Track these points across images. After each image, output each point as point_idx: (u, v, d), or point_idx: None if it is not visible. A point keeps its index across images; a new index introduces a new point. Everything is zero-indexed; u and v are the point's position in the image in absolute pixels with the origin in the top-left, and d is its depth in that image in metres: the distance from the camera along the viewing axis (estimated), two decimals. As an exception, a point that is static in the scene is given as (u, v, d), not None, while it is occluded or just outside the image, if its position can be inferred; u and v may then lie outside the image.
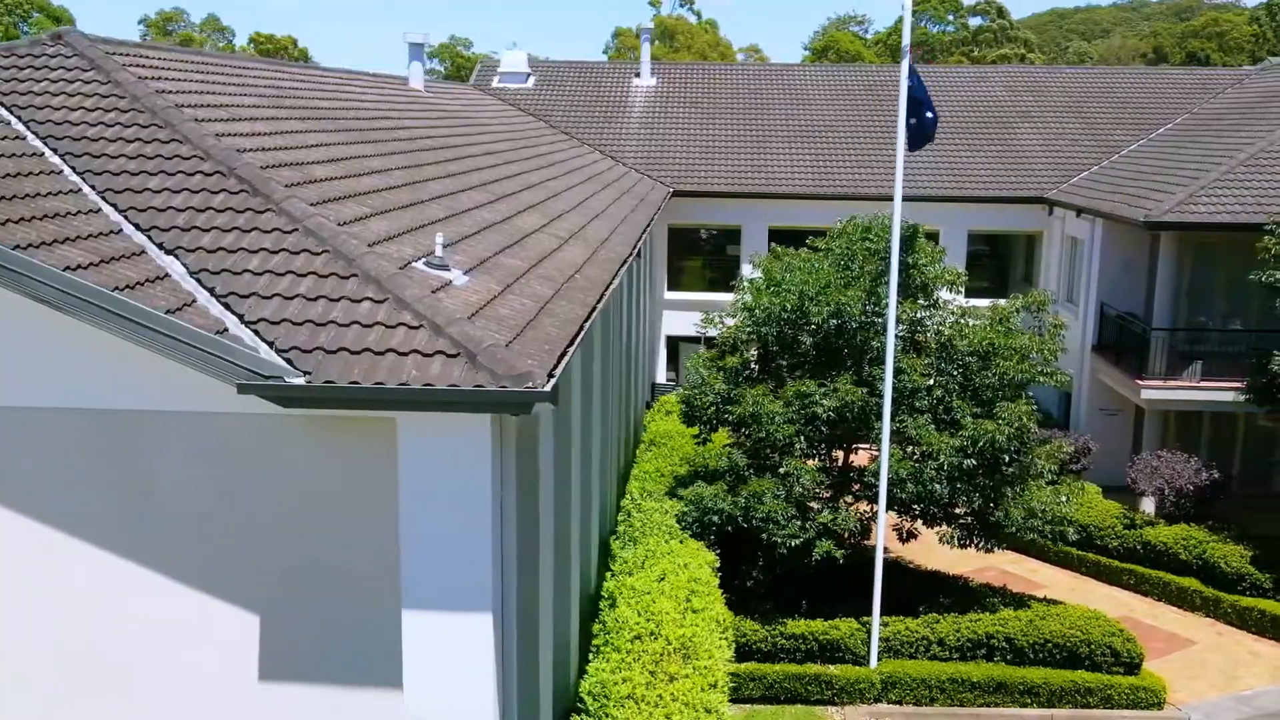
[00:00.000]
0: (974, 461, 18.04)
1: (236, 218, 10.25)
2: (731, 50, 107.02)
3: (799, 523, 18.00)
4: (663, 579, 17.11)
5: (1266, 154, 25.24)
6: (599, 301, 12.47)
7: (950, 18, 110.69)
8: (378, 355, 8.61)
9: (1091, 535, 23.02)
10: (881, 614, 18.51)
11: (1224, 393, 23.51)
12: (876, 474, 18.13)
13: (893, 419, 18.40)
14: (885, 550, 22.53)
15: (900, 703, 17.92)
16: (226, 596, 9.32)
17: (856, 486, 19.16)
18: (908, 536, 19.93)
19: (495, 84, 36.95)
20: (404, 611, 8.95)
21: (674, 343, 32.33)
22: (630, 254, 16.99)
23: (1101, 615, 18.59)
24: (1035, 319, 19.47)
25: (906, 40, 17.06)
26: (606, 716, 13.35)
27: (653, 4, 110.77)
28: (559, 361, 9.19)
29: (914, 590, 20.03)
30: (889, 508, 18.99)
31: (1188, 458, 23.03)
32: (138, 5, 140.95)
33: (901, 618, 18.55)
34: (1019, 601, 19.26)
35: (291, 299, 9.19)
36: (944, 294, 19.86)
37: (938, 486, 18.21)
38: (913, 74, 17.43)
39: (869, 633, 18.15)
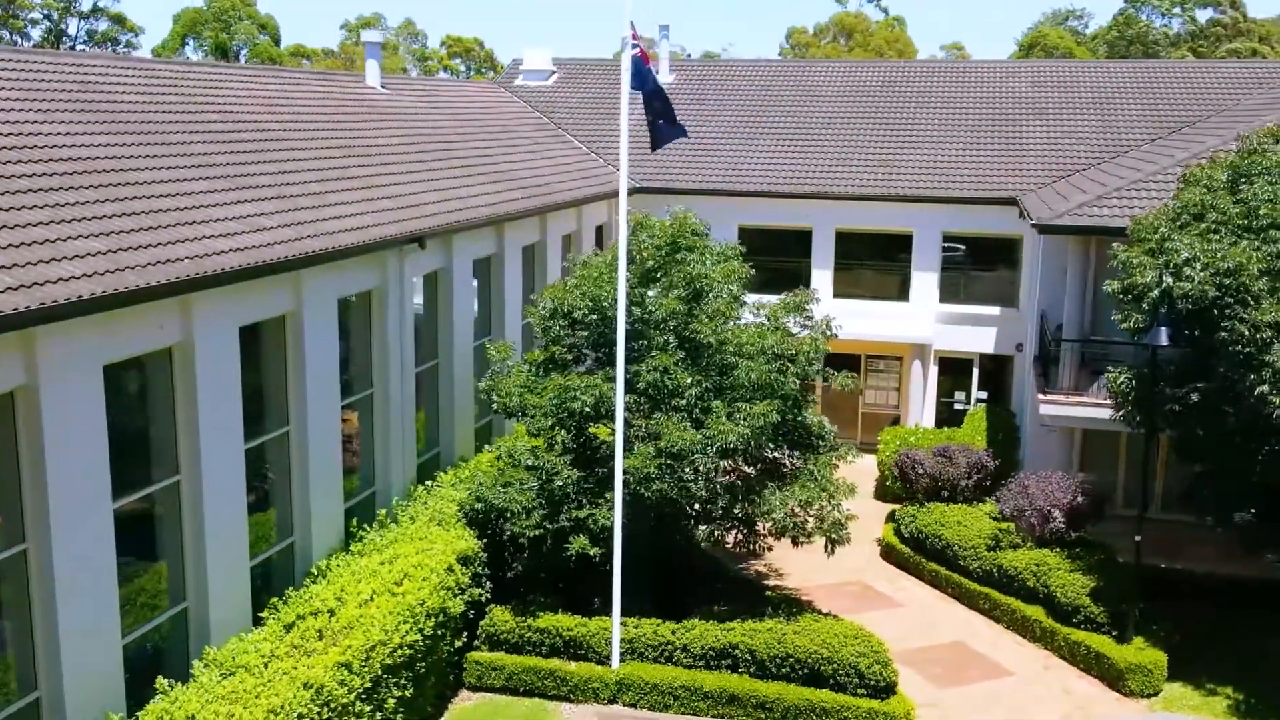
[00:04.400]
0: (729, 462, 17.61)
1: None
2: (913, 48, 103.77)
3: (542, 514, 17.99)
4: (394, 561, 17.52)
5: (1212, 153, 22.97)
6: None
7: (1177, 11, 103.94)
8: None
9: (956, 555, 21.77)
10: (678, 618, 18.24)
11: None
12: (629, 471, 17.83)
13: (649, 416, 18.12)
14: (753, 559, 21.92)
15: (635, 706, 17.60)
16: None
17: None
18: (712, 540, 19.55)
19: (518, 82, 37.81)
20: None
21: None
22: (357, 247, 17.35)
23: (864, 635, 17.66)
24: (803, 319, 18.67)
25: (627, 32, 16.75)
26: (196, 684, 13.89)
27: (839, 0, 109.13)
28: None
29: (720, 595, 19.58)
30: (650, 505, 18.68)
31: (1065, 477, 21.37)
32: (340, 10, 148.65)
33: (659, 621, 18.20)
34: (793, 612, 18.50)
35: None
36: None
37: (693, 486, 17.82)
38: (645, 75, 17.10)
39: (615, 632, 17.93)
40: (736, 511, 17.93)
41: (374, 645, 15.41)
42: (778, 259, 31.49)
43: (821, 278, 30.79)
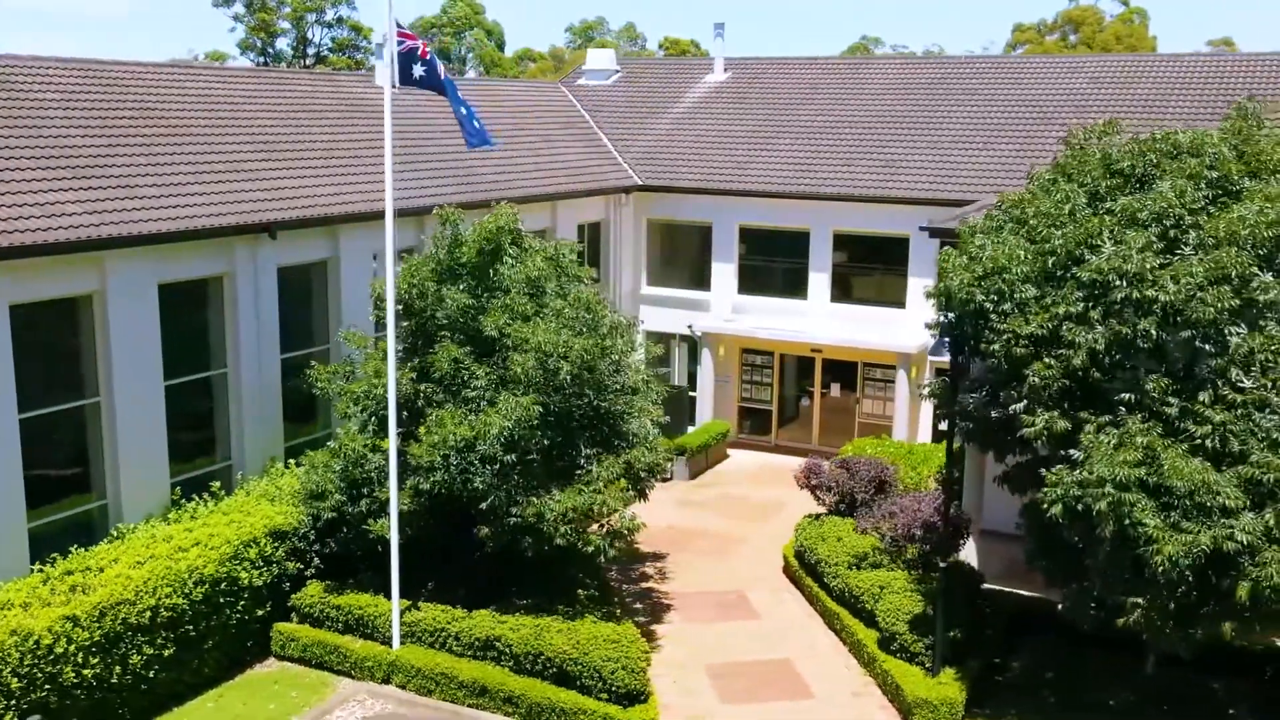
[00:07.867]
0: (511, 456, 17.68)
1: None
2: (1148, 43, 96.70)
3: (339, 497, 18.61)
4: (196, 529, 18.64)
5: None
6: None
7: None
8: None
9: (822, 572, 20.79)
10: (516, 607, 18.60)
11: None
12: (416, 459, 18.15)
13: (440, 406, 18.39)
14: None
15: (404, 687, 17.97)
16: None
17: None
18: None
19: (580, 82, 38.42)
20: None
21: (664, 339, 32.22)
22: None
23: (627, 640, 17.31)
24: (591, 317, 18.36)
25: (391, 27, 17.05)
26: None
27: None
28: None
29: (557, 591, 19.63)
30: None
31: (938, 497, 19.95)
32: (564, 15, 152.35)
33: (444, 607, 18.49)
34: (580, 611, 18.31)
35: None
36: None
37: (478, 481, 17.93)
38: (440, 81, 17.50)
39: (402, 615, 18.34)
40: (513, 510, 17.83)
41: (116, 603, 16.54)
42: (778, 261, 30.79)
43: (818, 281, 29.83)
